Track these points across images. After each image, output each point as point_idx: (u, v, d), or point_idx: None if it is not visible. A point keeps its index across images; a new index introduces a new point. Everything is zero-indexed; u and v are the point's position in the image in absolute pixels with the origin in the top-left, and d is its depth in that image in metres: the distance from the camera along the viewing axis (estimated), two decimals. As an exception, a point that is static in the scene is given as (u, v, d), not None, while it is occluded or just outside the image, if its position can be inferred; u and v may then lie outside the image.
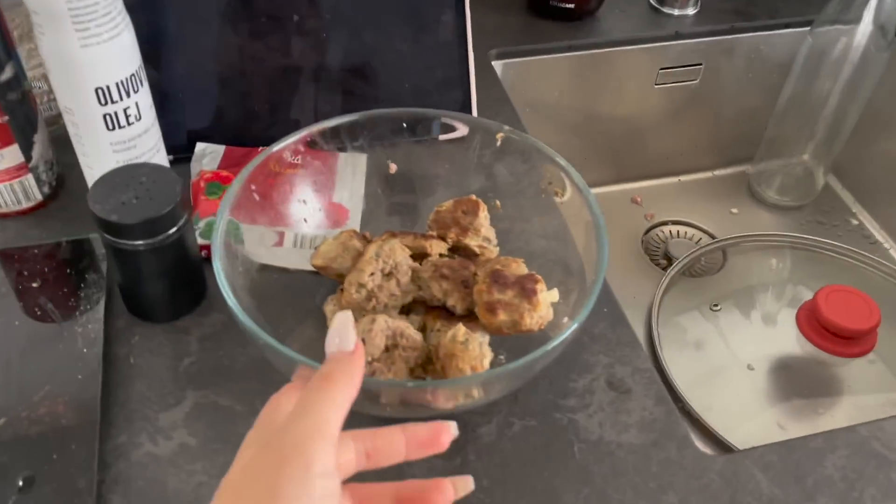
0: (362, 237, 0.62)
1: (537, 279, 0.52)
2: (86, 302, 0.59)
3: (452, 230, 0.59)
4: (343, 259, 0.59)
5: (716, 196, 1.10)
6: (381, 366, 0.50)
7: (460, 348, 0.49)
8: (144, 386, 0.57)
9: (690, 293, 0.96)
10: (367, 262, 0.55)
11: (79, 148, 0.61)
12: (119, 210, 0.53)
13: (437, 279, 0.55)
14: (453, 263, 0.56)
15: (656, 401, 0.58)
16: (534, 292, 0.51)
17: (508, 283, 0.52)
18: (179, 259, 0.58)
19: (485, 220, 0.60)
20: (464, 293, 0.54)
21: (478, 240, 0.59)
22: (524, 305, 0.51)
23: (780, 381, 0.87)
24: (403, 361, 0.50)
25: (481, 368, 0.49)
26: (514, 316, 0.51)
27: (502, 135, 0.63)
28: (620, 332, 0.63)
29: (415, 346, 0.51)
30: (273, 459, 0.32)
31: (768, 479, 0.54)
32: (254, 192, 0.60)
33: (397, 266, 0.55)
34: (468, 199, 0.61)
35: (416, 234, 0.60)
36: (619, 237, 1.03)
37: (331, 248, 0.59)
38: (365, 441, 0.40)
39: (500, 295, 0.51)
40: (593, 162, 1.08)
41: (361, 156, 0.68)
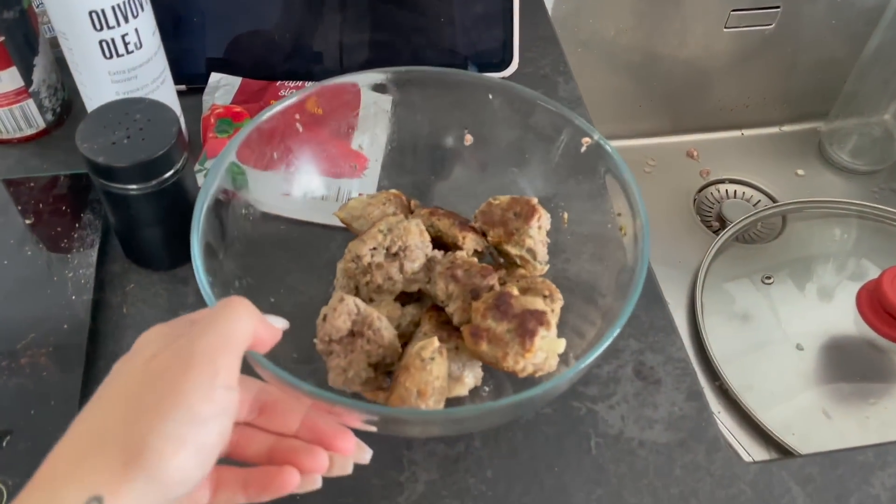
0: (405, 203, 0.56)
1: (544, 321, 0.44)
2: (79, 244, 0.55)
3: (497, 229, 0.51)
4: (365, 221, 0.54)
5: (781, 155, 1.01)
6: (339, 349, 0.45)
7: (417, 365, 0.43)
8: (135, 339, 0.53)
9: (742, 260, 0.89)
10: (372, 234, 0.49)
11: (77, 77, 0.57)
12: (109, 151, 0.49)
13: (445, 278, 0.48)
14: (473, 267, 0.48)
15: (688, 395, 0.53)
16: (532, 335, 0.43)
17: (509, 313, 0.44)
18: (177, 205, 0.53)
19: (537, 231, 0.51)
20: (467, 303, 0.47)
21: (520, 250, 0.51)
22: (513, 345, 0.43)
23: (830, 363, 0.80)
24: (364, 354, 0.45)
25: (429, 395, 0.42)
26: (496, 352, 0.44)
27: (589, 141, 0.53)
28: (655, 315, 0.57)
29: (380, 342, 0.45)
30: (179, 363, 0.32)
31: (806, 494, 0.49)
32: (264, 134, 0.54)
33: (407, 249, 0.49)
34: (526, 200, 0.52)
35: (460, 220, 0.53)
36: (670, 194, 0.96)
37: (358, 206, 0.54)
38: (267, 396, 0.40)
39: (493, 323, 0.44)
40: (648, 109, 0.99)
41: (386, 98, 0.62)
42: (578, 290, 0.51)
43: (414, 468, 0.48)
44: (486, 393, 0.49)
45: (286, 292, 0.53)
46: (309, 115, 0.57)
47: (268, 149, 0.56)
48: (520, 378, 0.45)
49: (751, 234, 0.91)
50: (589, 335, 0.47)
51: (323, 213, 0.58)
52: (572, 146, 0.53)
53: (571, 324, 0.49)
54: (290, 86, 0.68)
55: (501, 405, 0.40)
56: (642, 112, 0.99)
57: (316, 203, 0.59)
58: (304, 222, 0.58)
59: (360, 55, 0.70)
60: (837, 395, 0.78)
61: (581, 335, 0.48)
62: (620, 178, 0.50)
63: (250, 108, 0.64)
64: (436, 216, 0.53)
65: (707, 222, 0.93)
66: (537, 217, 0.50)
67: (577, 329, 0.48)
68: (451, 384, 0.47)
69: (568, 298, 0.50)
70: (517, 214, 0.51)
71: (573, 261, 0.54)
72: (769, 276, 0.87)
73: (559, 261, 0.54)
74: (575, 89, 0.74)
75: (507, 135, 0.57)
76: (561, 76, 0.75)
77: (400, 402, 0.43)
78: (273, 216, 0.57)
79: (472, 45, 0.71)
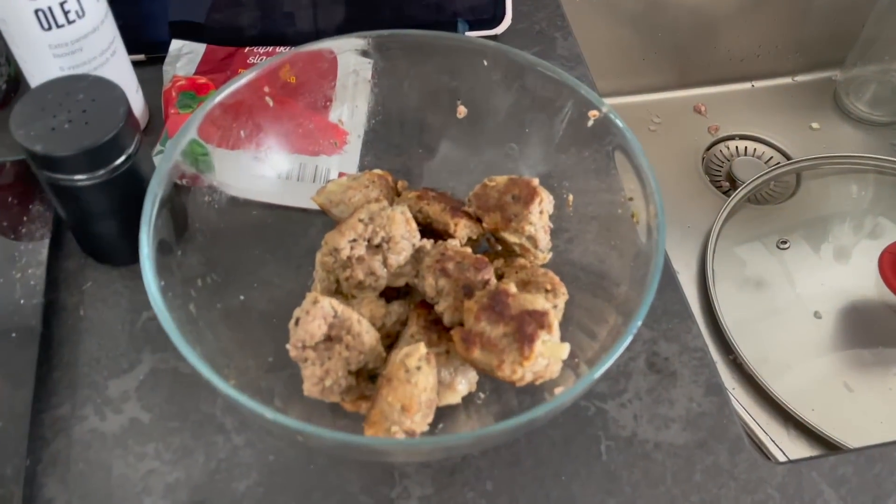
0: (392, 185, 0.51)
1: (545, 323, 0.39)
2: (28, 240, 0.50)
3: (494, 214, 0.46)
4: (346, 207, 0.48)
5: (794, 107, 0.94)
6: (315, 356, 0.40)
7: (401, 376, 0.38)
8: (94, 345, 0.48)
9: (755, 222, 0.84)
10: (351, 224, 0.44)
11: (15, 52, 0.50)
12: (48, 137, 0.43)
13: (435, 273, 0.43)
14: (465, 259, 0.43)
15: (706, 389, 0.48)
16: (531, 339, 0.38)
17: (506, 315, 0.39)
18: (134, 193, 0.47)
19: (538, 217, 0.45)
20: (459, 301, 0.42)
21: (519, 238, 0.46)
22: (510, 351, 0.38)
23: (850, 332, 0.75)
24: (342, 361, 0.40)
25: (414, 411, 0.37)
26: (490, 360, 0.38)
27: (597, 114, 0.46)
28: (668, 299, 0.52)
29: (361, 348, 0.40)
30: None
31: (839, 497, 0.44)
32: (230, 109, 0.48)
33: (391, 241, 0.44)
34: (526, 182, 0.46)
35: (452, 205, 0.48)
36: (677, 153, 0.90)
37: (337, 190, 0.49)
38: None
39: (487, 326, 0.39)
40: (652, 62, 0.93)
41: (367, 64, 0.55)
42: (587, 282, 0.46)
43: (406, 482, 0.44)
44: (480, 400, 0.44)
45: (260, 287, 0.48)
46: (281, 85, 0.51)
47: (235, 125, 0.50)
48: (520, 385, 0.40)
49: (763, 195, 0.86)
50: (601, 334, 0.42)
51: (299, 196, 0.53)
52: (578, 119, 0.47)
53: (578, 320, 0.44)
54: (260, 52, 0.61)
55: (497, 430, 0.35)
56: (646, 66, 0.93)
57: (291, 185, 0.53)
58: (278, 206, 0.52)
59: (337, 15, 0.63)
60: (858, 365, 0.73)
61: (592, 335, 0.43)
62: (632, 157, 0.44)
63: (216, 79, 0.58)
64: (425, 200, 0.47)
65: (716, 183, 0.88)
66: (538, 201, 0.45)
67: (586, 327, 0.43)
68: (442, 392, 0.42)
69: (575, 291, 0.45)
70: (516, 198, 0.45)
71: (580, 248, 0.48)
72: (784, 240, 0.81)
73: (564, 248, 0.49)
74: (574, 46, 0.67)
75: (505, 106, 0.51)
76: (559, 31, 0.68)
77: (382, 418, 0.38)
78: (243, 201, 0.51)
79: (461, 0, 0.64)
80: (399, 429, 0.37)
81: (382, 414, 0.38)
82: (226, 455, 0.44)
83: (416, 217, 0.47)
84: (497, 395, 0.44)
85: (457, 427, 0.43)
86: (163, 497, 0.42)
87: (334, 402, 0.42)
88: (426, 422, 0.39)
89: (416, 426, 0.38)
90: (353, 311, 0.41)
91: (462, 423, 0.43)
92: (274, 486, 0.43)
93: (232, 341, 0.43)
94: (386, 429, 0.38)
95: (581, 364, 0.42)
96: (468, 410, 0.44)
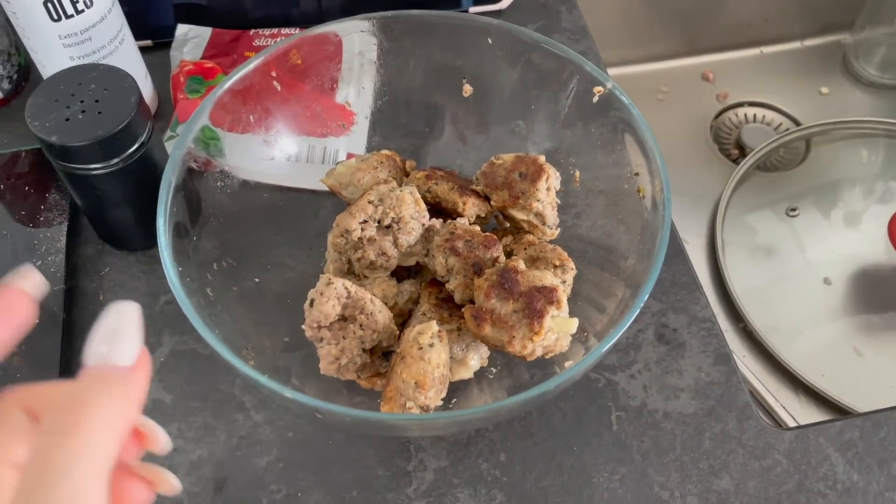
0: (400, 165, 0.51)
1: (554, 299, 0.39)
2: (46, 227, 0.51)
3: (502, 192, 0.46)
4: (355, 189, 0.49)
5: (803, 72, 0.93)
6: (330, 335, 0.41)
7: (414, 353, 0.39)
8: (115, 329, 0.49)
9: (764, 189, 0.83)
10: (361, 206, 0.44)
11: (26, 42, 0.51)
12: (63, 128, 0.44)
13: (444, 252, 0.43)
14: (475, 237, 0.44)
15: (715, 359, 0.48)
16: (541, 315, 0.39)
17: (515, 291, 0.40)
18: (147, 180, 0.48)
19: (545, 193, 0.46)
20: (469, 279, 0.43)
21: (527, 214, 0.46)
22: (520, 328, 0.39)
23: (860, 298, 0.75)
24: (357, 339, 0.41)
25: (429, 386, 0.38)
26: (501, 336, 0.39)
27: (602, 90, 0.47)
28: (677, 270, 0.52)
29: (374, 327, 0.41)
30: None
31: (846, 461, 0.45)
32: (238, 94, 0.49)
33: (401, 221, 0.44)
34: (532, 159, 0.46)
35: (460, 183, 0.48)
36: (685, 121, 0.89)
37: (346, 171, 0.49)
38: None
39: (497, 303, 0.40)
40: (659, 29, 0.92)
41: (371, 43, 0.55)
42: (595, 256, 0.46)
43: (422, 455, 0.45)
44: (492, 375, 0.45)
45: (273, 269, 0.49)
46: (288, 68, 0.52)
47: (244, 109, 0.51)
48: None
49: (772, 161, 0.86)
50: (609, 307, 0.43)
51: (309, 178, 0.54)
52: (583, 95, 0.47)
53: (586, 294, 0.45)
54: (265, 34, 0.62)
55: (510, 404, 0.36)
56: (652, 34, 0.92)
57: (301, 167, 0.54)
58: (288, 189, 0.53)
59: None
60: (869, 330, 0.74)
61: (600, 308, 0.43)
62: (637, 132, 0.44)
63: (222, 63, 0.59)
64: (433, 180, 0.48)
65: (725, 150, 0.87)
66: (545, 178, 0.45)
67: (595, 301, 0.44)
68: (455, 367, 0.43)
69: (583, 266, 0.46)
70: (523, 175, 0.46)
71: (587, 223, 0.49)
72: (794, 207, 0.81)
73: (572, 223, 0.49)
74: (579, 18, 0.67)
75: (510, 83, 0.51)
76: (563, 4, 0.68)
77: (396, 394, 0.39)
78: (254, 184, 0.52)
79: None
80: (414, 404, 0.38)
81: (397, 390, 0.39)
82: (246, 432, 0.45)
83: (425, 197, 0.48)
84: (508, 369, 0.45)
85: (470, 401, 0.44)
86: (188, 474, 0.44)
87: (350, 379, 0.43)
88: (440, 397, 0.40)
89: (429, 401, 0.39)
90: (365, 291, 0.42)
91: (475, 397, 0.44)
92: (294, 462, 0.44)
93: (248, 322, 0.45)
94: (401, 404, 0.39)
95: (591, 337, 0.43)
96: (481, 385, 0.45)
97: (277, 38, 0.61)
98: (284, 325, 0.46)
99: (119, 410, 0.23)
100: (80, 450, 0.21)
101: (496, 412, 0.38)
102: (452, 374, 0.43)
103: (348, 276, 0.46)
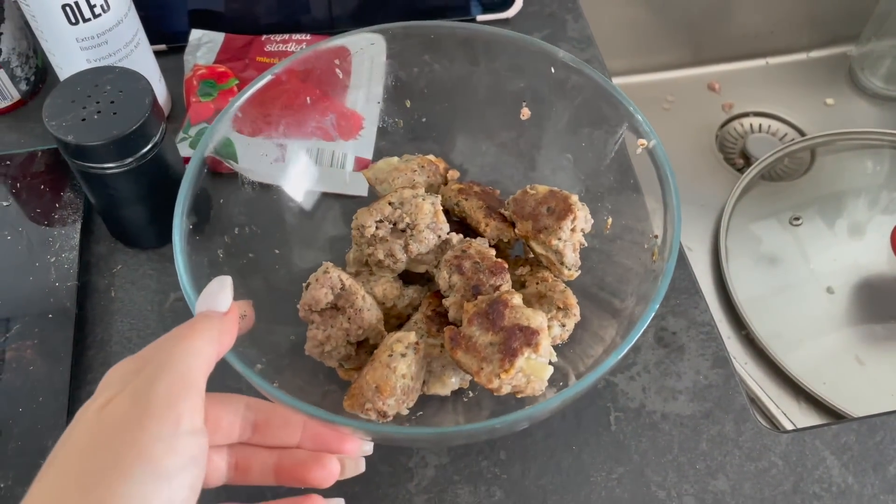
0: (442, 172, 0.52)
1: (533, 342, 0.38)
2: (61, 225, 0.52)
3: (526, 222, 0.46)
4: (388, 186, 0.50)
5: (809, 83, 0.94)
6: (319, 320, 0.43)
7: (384, 359, 0.39)
8: (126, 325, 0.50)
9: (769, 199, 0.84)
10: (380, 206, 0.45)
11: (44, 45, 0.52)
12: (78, 128, 0.45)
13: (450, 267, 0.44)
14: (485, 260, 0.43)
15: (713, 362, 0.49)
16: (514, 354, 0.38)
17: (497, 325, 0.39)
18: (159, 180, 0.49)
19: (569, 233, 0.44)
20: (467, 299, 0.43)
21: (546, 250, 0.45)
22: (491, 361, 0.39)
23: (863, 307, 0.76)
24: (343, 331, 0.42)
25: (388, 394, 0.38)
26: (470, 363, 0.39)
27: (645, 145, 0.45)
28: (677, 275, 0.53)
29: (360, 323, 0.42)
30: (135, 410, 0.29)
31: (841, 464, 0.46)
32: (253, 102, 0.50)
33: (415, 228, 0.45)
34: (564, 196, 0.45)
35: (490, 203, 0.48)
36: (691, 130, 0.90)
37: (385, 168, 0.50)
38: (258, 412, 0.37)
39: (477, 332, 0.40)
40: (666, 40, 0.93)
41: (381, 49, 0.56)
42: (602, 301, 0.46)
43: (423, 452, 0.46)
44: (468, 398, 0.45)
45: (281, 267, 0.50)
46: (297, 74, 0.53)
47: (256, 114, 0.52)
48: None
49: (777, 171, 0.86)
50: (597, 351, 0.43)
51: (318, 180, 0.55)
52: (629, 145, 0.47)
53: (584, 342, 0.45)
54: (277, 39, 0.63)
55: (453, 432, 0.38)
56: (659, 44, 0.93)
57: (310, 170, 0.55)
58: (298, 191, 0.54)
59: (350, 1, 0.65)
60: (870, 339, 0.74)
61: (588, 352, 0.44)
62: (666, 195, 0.43)
63: (234, 67, 0.60)
64: (465, 195, 0.48)
65: (731, 160, 0.88)
66: (571, 217, 0.44)
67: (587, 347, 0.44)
68: (431, 382, 0.43)
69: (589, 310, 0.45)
70: (550, 210, 0.45)
71: (608, 269, 0.48)
72: (798, 216, 0.82)
73: (593, 267, 0.48)
74: (585, 28, 0.68)
75: (563, 115, 0.51)
76: (569, 14, 0.69)
77: (359, 393, 0.39)
78: (264, 186, 0.53)
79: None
80: (372, 407, 0.39)
81: (360, 390, 0.40)
82: (252, 427, 0.46)
83: (453, 210, 0.48)
84: (488, 397, 0.45)
85: (438, 419, 0.44)
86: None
87: (332, 366, 0.44)
88: (402, 406, 0.40)
89: (388, 408, 0.39)
90: (360, 287, 0.43)
91: (445, 416, 0.44)
92: (298, 457, 0.45)
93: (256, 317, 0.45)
94: (360, 404, 0.39)
95: (572, 379, 0.42)
96: (455, 405, 0.45)
97: (288, 44, 0.63)
98: (291, 319, 0.47)
99: (216, 332, 0.33)
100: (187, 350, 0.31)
101: (446, 436, 0.39)
102: (427, 388, 0.43)
103: (364, 268, 0.47)
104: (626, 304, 0.44)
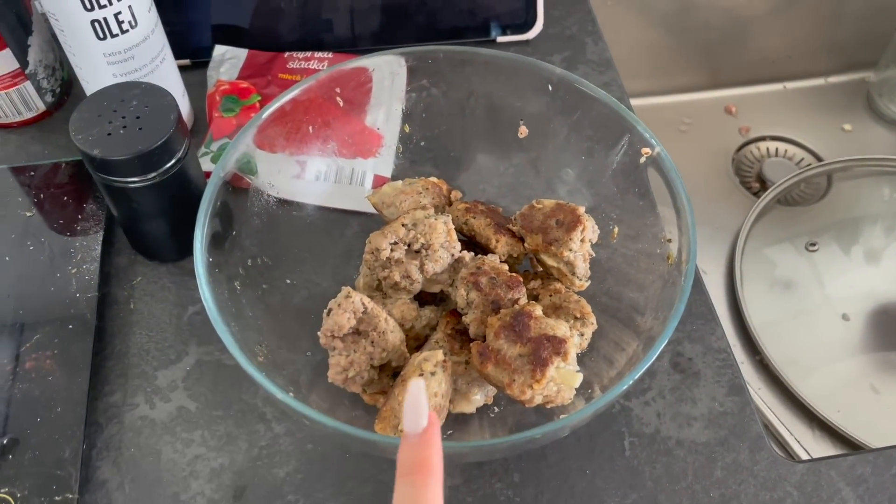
0: (445, 193, 0.52)
1: (561, 350, 0.39)
2: (83, 237, 0.53)
3: (536, 236, 0.47)
4: (396, 210, 0.50)
5: (827, 108, 0.94)
6: (342, 346, 0.42)
7: None
8: (144, 337, 0.51)
9: (784, 224, 0.84)
10: (394, 228, 0.46)
11: (71, 59, 0.53)
12: (104, 142, 0.46)
13: (467, 285, 0.44)
14: (500, 275, 0.44)
15: (729, 389, 0.49)
16: (545, 364, 0.39)
17: (524, 336, 0.40)
18: (181, 194, 0.50)
19: (579, 244, 0.46)
20: (487, 315, 0.43)
21: (558, 262, 0.46)
22: (522, 372, 0.39)
23: (878, 334, 0.75)
24: (367, 355, 0.42)
25: None
26: (502, 377, 0.40)
27: (649, 152, 0.47)
28: (694, 300, 0.53)
29: (384, 346, 0.42)
30: None
31: (857, 496, 0.45)
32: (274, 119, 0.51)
33: (430, 248, 0.45)
34: (571, 208, 0.46)
35: (498, 221, 0.48)
36: (707, 154, 0.90)
37: (391, 192, 0.51)
38: None
39: (505, 345, 0.40)
40: (683, 63, 0.93)
41: (401, 68, 0.57)
42: (620, 312, 0.47)
43: (437, 473, 0.46)
44: (494, 413, 0.45)
45: (299, 284, 0.51)
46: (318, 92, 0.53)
47: (277, 131, 0.52)
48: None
49: (793, 196, 0.86)
50: (620, 362, 0.43)
51: (337, 198, 0.55)
52: (631, 154, 0.48)
53: (600, 348, 0.45)
54: (299, 56, 0.64)
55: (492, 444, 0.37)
56: (677, 66, 0.93)
57: (329, 187, 0.56)
58: (317, 207, 0.55)
59: (372, 21, 0.65)
60: (886, 367, 0.74)
61: (611, 363, 0.44)
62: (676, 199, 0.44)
63: (257, 83, 0.61)
64: (472, 213, 0.48)
65: (747, 184, 0.88)
66: (580, 229, 0.45)
67: (608, 355, 0.44)
68: (457, 400, 0.43)
69: (605, 321, 0.46)
70: (559, 223, 0.46)
71: (618, 280, 0.49)
72: (814, 242, 0.82)
73: (603, 277, 0.49)
74: (605, 50, 0.69)
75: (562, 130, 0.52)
76: (589, 36, 0.70)
77: (391, 415, 0.40)
78: (283, 202, 0.53)
79: (493, 5, 0.66)
80: None
81: (392, 411, 0.40)
82: (267, 443, 0.47)
83: (462, 229, 0.48)
84: (512, 410, 0.46)
85: (467, 436, 0.44)
86: (208, 481, 0.45)
87: (355, 392, 0.44)
88: None
89: None
90: (382, 309, 0.43)
91: (473, 432, 0.45)
92: (312, 474, 0.46)
93: (272, 335, 0.46)
94: (394, 426, 0.39)
95: (597, 391, 0.43)
96: (482, 421, 0.45)
97: (311, 61, 0.63)
98: (307, 338, 0.47)
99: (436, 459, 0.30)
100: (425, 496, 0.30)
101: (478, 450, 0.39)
102: (454, 406, 0.43)
103: (376, 293, 0.48)
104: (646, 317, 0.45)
